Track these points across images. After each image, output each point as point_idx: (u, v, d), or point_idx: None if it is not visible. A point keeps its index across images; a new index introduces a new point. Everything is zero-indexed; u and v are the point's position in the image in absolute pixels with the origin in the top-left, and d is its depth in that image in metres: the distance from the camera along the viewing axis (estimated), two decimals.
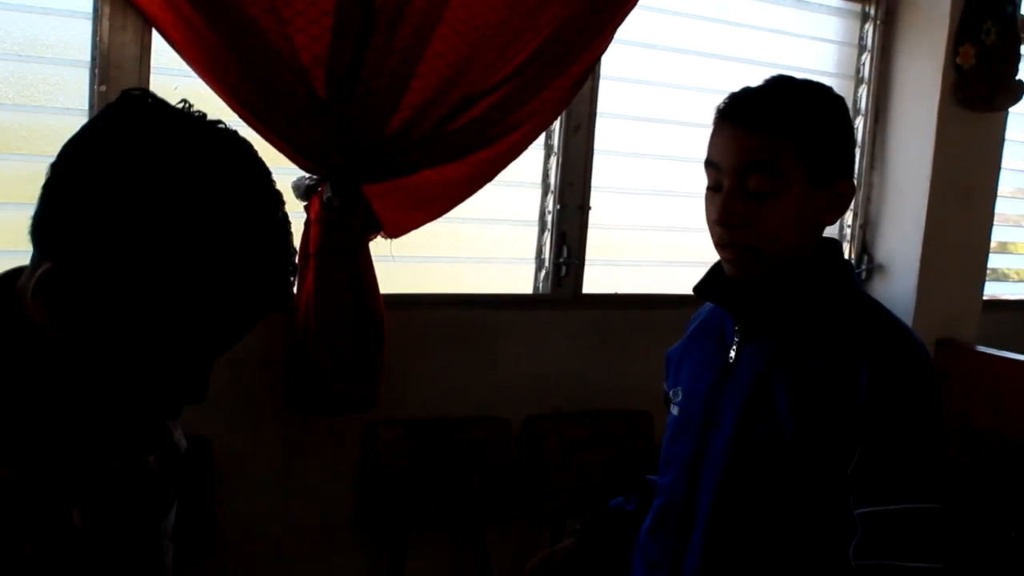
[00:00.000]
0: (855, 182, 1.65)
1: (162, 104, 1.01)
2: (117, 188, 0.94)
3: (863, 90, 3.71)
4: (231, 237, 0.98)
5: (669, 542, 1.72)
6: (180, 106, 1.02)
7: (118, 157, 0.95)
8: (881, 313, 1.65)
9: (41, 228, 0.98)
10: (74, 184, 0.96)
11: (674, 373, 1.85)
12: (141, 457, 1.17)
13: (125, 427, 1.12)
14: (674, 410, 1.80)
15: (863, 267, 3.73)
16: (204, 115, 1.02)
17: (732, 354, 1.69)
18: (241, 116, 2.39)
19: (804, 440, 1.57)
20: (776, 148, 1.57)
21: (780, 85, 1.65)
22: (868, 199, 3.74)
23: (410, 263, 2.74)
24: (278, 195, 1.06)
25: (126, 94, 1.01)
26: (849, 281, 1.69)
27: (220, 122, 1.03)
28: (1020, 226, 4.31)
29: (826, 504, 1.57)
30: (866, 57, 3.70)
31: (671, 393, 1.83)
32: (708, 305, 1.87)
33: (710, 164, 1.64)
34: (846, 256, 1.73)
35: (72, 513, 1.05)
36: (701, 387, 1.73)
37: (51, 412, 1.03)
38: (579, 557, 1.92)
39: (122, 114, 0.99)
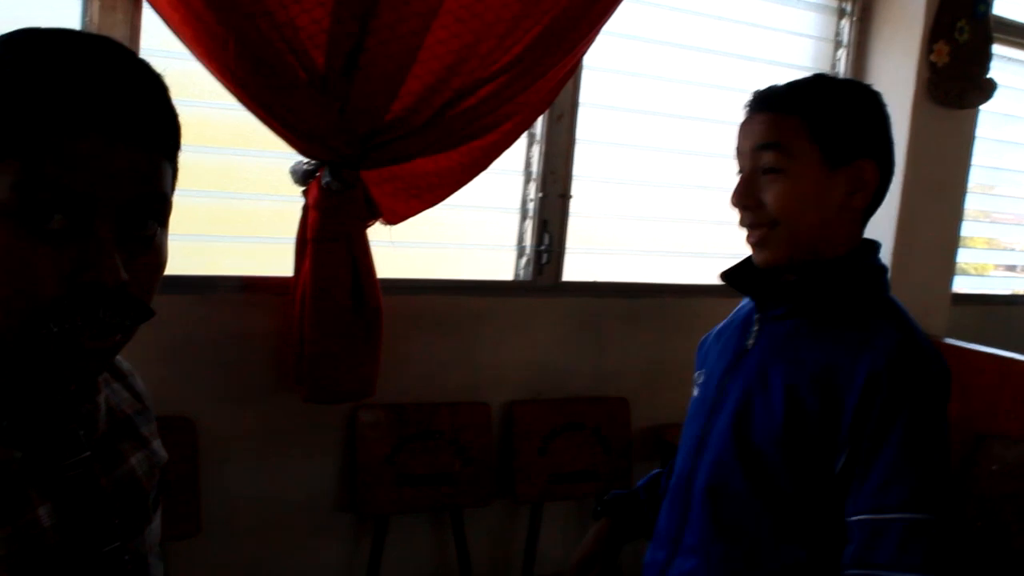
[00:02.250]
0: (879, 167, 1.65)
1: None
2: None
3: None
4: None
5: (674, 518, 1.76)
6: None
7: None
8: (897, 318, 1.62)
9: None
10: None
11: (703, 357, 1.88)
12: (116, 451, 1.10)
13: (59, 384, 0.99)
14: (695, 391, 1.83)
15: None
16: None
17: (751, 340, 1.72)
18: (238, 97, 2.38)
19: (791, 431, 1.57)
20: (784, 126, 1.61)
21: (806, 78, 1.69)
22: None
23: (391, 248, 2.76)
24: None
25: None
26: (878, 285, 1.68)
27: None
28: (980, 221, 4.38)
29: (814, 501, 1.58)
30: (842, 53, 3.75)
31: (696, 375, 1.86)
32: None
33: (736, 151, 1.70)
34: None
35: (37, 509, 0.97)
36: (718, 371, 1.76)
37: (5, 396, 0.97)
38: (616, 539, 2.00)
39: None
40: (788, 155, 1.60)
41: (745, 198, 1.65)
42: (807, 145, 1.60)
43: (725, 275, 1.78)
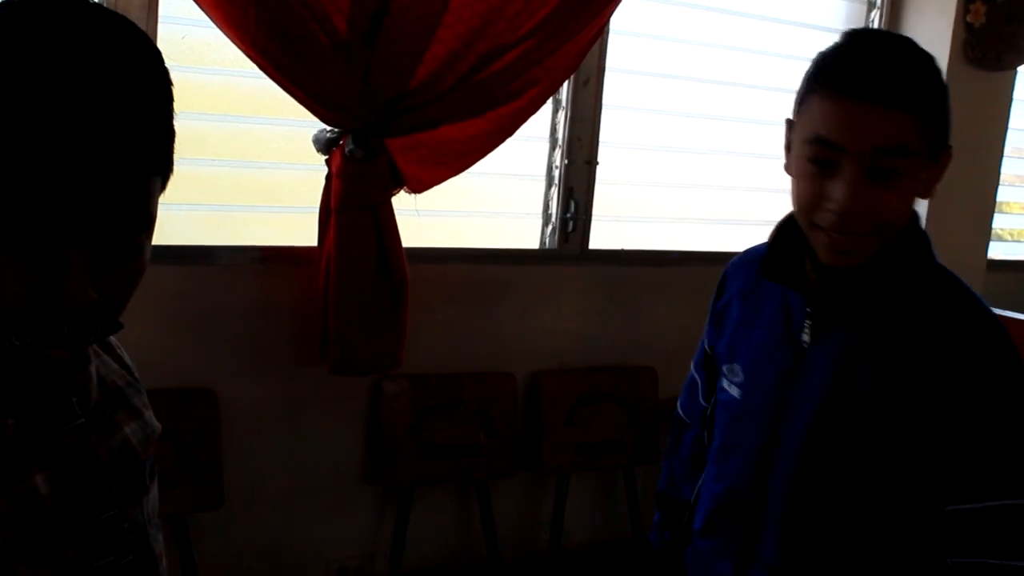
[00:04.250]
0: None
1: None
2: None
3: None
4: None
5: (737, 531, 1.64)
6: None
7: None
8: (962, 293, 1.52)
9: None
10: None
11: (727, 342, 1.73)
12: (110, 420, 1.08)
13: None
14: (733, 391, 1.69)
15: None
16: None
17: (806, 337, 1.56)
18: (259, 64, 2.34)
19: (888, 432, 1.48)
20: (907, 125, 1.39)
21: (889, 48, 1.44)
22: None
23: (415, 217, 2.73)
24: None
25: None
26: (928, 256, 1.55)
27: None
28: (1016, 186, 4.30)
29: (913, 498, 1.50)
30: (875, 14, 3.66)
31: (726, 368, 1.72)
32: (746, 259, 1.76)
33: (825, 143, 1.43)
34: None
35: (34, 477, 0.95)
36: (770, 371, 1.61)
37: None
38: None
39: None
40: (908, 158, 1.40)
41: (863, 208, 1.42)
42: (923, 144, 1.42)
43: (769, 272, 1.60)
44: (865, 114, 1.39)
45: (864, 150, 1.39)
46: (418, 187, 2.64)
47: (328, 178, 2.53)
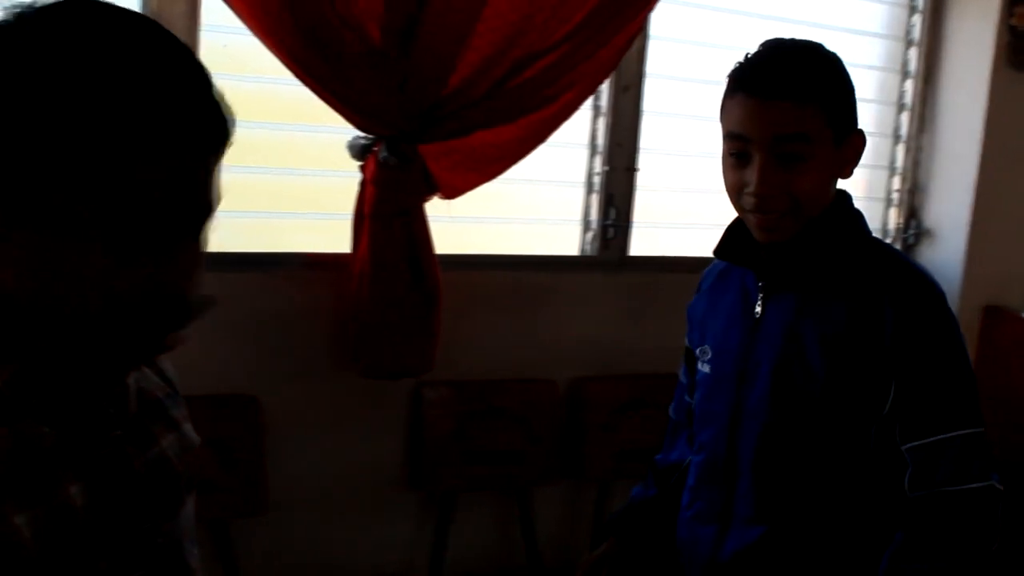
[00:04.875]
0: (865, 137, 1.71)
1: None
2: None
3: (913, 51, 3.65)
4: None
5: (715, 494, 1.79)
6: None
7: None
8: (895, 256, 1.75)
9: None
10: None
11: (699, 331, 1.90)
12: (148, 432, 1.08)
13: (110, 369, 1.01)
14: (705, 367, 1.84)
15: (911, 232, 3.69)
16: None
17: (758, 309, 1.74)
18: (295, 72, 2.37)
19: (836, 384, 1.64)
20: (807, 116, 1.60)
21: (789, 51, 1.68)
22: (917, 163, 3.70)
23: (453, 224, 2.74)
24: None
25: None
26: (861, 229, 1.74)
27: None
28: None
29: (868, 443, 1.65)
30: (916, 18, 3.63)
31: (699, 351, 1.88)
32: (718, 261, 1.92)
33: (737, 137, 1.64)
34: (859, 215, 1.77)
35: (69, 488, 0.94)
36: (732, 344, 1.78)
37: (32, 372, 0.95)
38: (623, 557, 1.97)
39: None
40: (811, 143, 1.61)
41: (771, 188, 1.62)
42: (825, 130, 1.62)
43: (719, 251, 1.81)
44: (766, 108, 1.61)
45: (767, 138, 1.60)
46: (451, 193, 2.65)
47: (362, 184, 2.55)
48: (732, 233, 1.78)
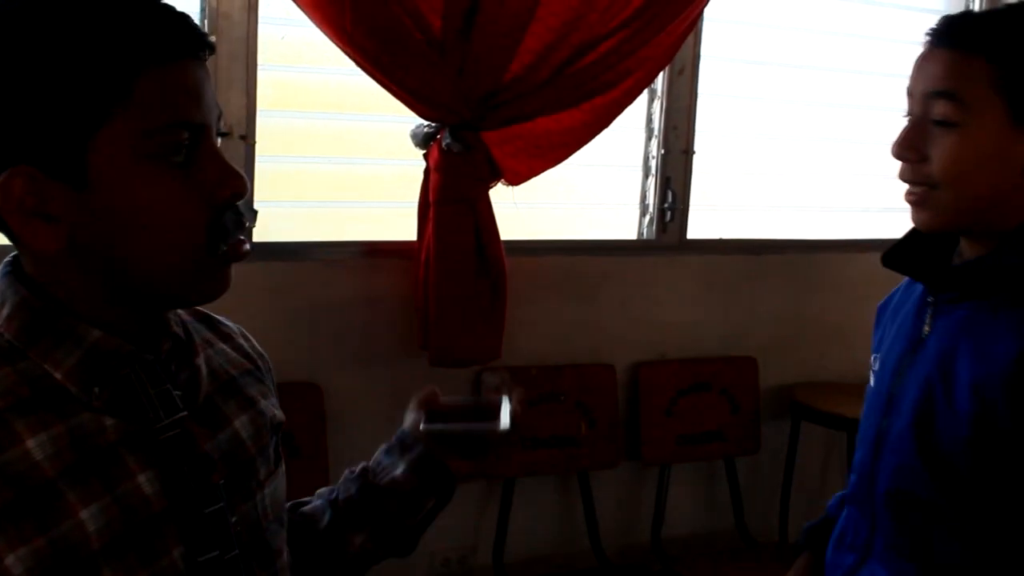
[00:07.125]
0: None
1: None
2: None
3: None
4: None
5: (859, 522, 1.57)
6: None
7: None
8: None
9: None
10: None
11: (879, 335, 1.64)
12: (220, 414, 1.08)
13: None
14: (871, 379, 1.60)
15: None
16: None
17: (926, 327, 1.47)
18: (357, 62, 2.38)
19: (980, 435, 1.35)
20: (964, 70, 1.32)
21: (1004, 7, 1.38)
22: None
23: (514, 209, 2.74)
24: None
25: None
26: None
27: None
28: None
29: (1010, 509, 1.37)
30: None
31: (872, 358, 1.62)
32: None
33: (907, 94, 1.40)
34: None
35: (137, 477, 0.95)
36: (891, 360, 1.53)
37: (96, 360, 0.96)
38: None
39: None
40: (965, 107, 1.31)
41: (906, 150, 1.37)
42: (992, 95, 1.31)
43: (887, 258, 1.52)
44: (926, 57, 1.37)
45: (920, 93, 1.37)
46: (515, 179, 2.66)
47: (426, 172, 2.56)
48: (909, 240, 1.52)
